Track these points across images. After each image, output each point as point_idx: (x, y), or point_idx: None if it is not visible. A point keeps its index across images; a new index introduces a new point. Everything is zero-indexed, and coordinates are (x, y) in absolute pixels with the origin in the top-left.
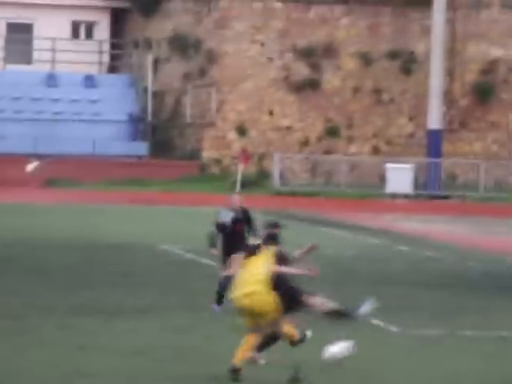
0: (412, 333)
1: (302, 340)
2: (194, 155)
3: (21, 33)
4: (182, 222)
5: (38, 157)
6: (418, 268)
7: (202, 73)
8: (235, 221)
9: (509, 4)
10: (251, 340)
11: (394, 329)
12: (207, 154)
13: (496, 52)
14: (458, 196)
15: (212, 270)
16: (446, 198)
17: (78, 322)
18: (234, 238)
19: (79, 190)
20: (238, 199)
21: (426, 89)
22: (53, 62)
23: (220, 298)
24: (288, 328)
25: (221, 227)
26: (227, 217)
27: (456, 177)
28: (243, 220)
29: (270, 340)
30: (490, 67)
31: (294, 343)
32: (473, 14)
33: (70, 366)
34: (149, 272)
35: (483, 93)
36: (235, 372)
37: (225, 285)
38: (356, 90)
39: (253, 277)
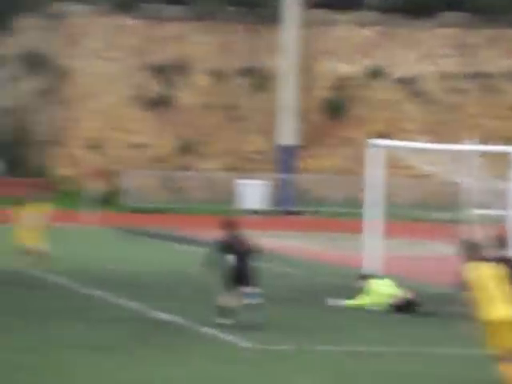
0: (264, 348)
1: None
2: (46, 172)
3: None
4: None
5: None
6: (271, 284)
7: (54, 90)
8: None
9: (357, 21)
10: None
11: (246, 344)
12: (59, 172)
13: (345, 68)
14: (310, 212)
15: (62, 291)
16: (298, 213)
17: None
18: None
19: None
20: None
21: (278, 105)
22: None
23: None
24: None
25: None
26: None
27: (308, 192)
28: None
29: None
30: (340, 83)
31: None
32: (322, 32)
33: None
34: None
35: (334, 109)
36: None
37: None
38: (209, 107)
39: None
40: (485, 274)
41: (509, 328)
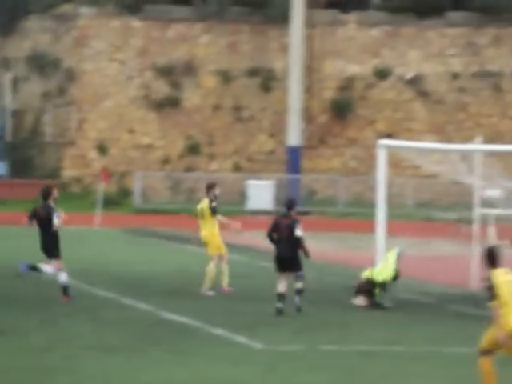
0: (274, 349)
1: None
2: (55, 174)
3: None
4: None
5: None
6: None
7: (62, 91)
8: None
9: (364, 21)
10: None
11: (257, 345)
12: (67, 173)
13: (352, 69)
14: (317, 212)
15: (72, 291)
16: (305, 213)
17: None
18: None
19: None
20: None
21: (285, 106)
22: None
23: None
24: None
25: None
26: None
27: (315, 193)
28: None
29: None
30: (347, 84)
31: None
32: (330, 32)
33: None
34: (9, 293)
35: (341, 109)
36: None
37: None
38: (216, 108)
39: None
40: (503, 280)
41: None
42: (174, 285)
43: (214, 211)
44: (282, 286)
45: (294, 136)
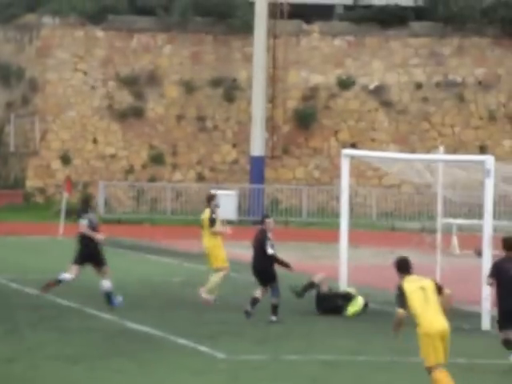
0: (237, 358)
1: None
2: (18, 184)
3: None
4: (6, 251)
5: None
6: (244, 293)
7: (25, 102)
8: None
9: (328, 31)
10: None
11: (219, 355)
12: (31, 183)
13: (316, 79)
14: (281, 221)
15: (35, 300)
16: None
17: None
18: None
19: None
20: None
21: (249, 116)
22: None
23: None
24: None
25: None
26: None
27: (279, 202)
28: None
29: None
30: (311, 94)
31: None
32: (293, 42)
33: None
34: None
35: (305, 119)
36: None
37: None
38: (180, 118)
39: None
40: (415, 287)
41: (441, 339)
42: (137, 295)
43: (212, 222)
44: (257, 292)
45: (257, 146)
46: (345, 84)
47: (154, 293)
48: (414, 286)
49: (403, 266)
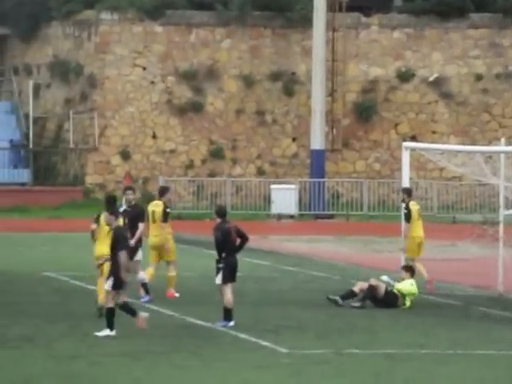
0: (300, 353)
1: None
2: (78, 181)
3: None
4: (67, 248)
5: None
6: (305, 287)
7: (84, 98)
8: None
9: (387, 24)
10: None
11: (282, 349)
12: (91, 179)
13: (376, 71)
14: (342, 215)
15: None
16: (330, 217)
17: None
18: None
19: None
20: None
21: (309, 109)
22: None
23: None
24: None
25: None
26: None
27: (340, 196)
28: None
29: None
30: (371, 86)
31: None
32: (352, 34)
33: None
34: (33, 300)
35: (364, 112)
36: None
37: None
38: (239, 112)
39: None
40: None
41: None
42: (198, 290)
43: (166, 216)
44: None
45: (317, 139)
46: (404, 76)
47: (214, 288)
48: None
49: None
